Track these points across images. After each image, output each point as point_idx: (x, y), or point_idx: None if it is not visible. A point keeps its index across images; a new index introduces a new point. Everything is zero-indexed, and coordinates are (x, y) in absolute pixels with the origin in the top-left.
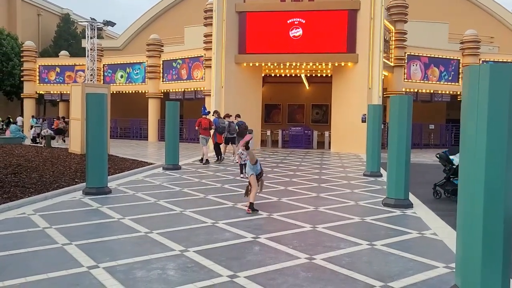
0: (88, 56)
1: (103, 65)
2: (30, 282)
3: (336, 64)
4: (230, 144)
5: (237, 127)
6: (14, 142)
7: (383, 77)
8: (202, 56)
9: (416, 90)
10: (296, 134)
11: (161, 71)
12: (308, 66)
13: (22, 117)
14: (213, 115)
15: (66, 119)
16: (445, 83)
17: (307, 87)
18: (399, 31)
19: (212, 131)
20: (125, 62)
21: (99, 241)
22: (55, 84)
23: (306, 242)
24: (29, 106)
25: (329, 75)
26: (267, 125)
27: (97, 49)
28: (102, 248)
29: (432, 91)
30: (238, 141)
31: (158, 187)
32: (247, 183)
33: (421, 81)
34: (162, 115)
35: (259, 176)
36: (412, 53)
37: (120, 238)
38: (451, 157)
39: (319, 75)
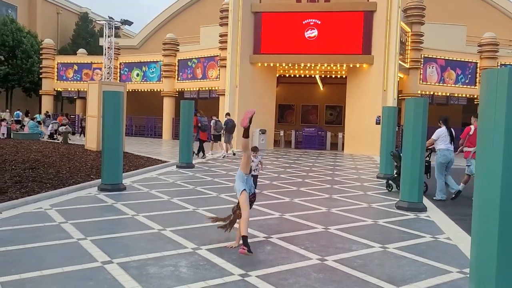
0: (105, 55)
1: (120, 63)
2: (46, 275)
3: (351, 66)
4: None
5: (224, 125)
6: (32, 138)
7: (398, 79)
8: (217, 55)
9: (432, 93)
10: (309, 135)
11: (177, 70)
12: (323, 67)
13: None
14: (195, 115)
15: (70, 116)
16: (461, 86)
17: (321, 88)
18: (415, 33)
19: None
20: (141, 61)
21: (113, 237)
22: (73, 82)
23: (318, 243)
24: (47, 103)
25: (344, 76)
26: (281, 126)
27: (114, 48)
28: (116, 244)
29: (448, 94)
30: (226, 137)
31: (172, 185)
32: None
33: (437, 84)
34: (176, 113)
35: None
36: (428, 56)
37: (134, 234)
38: (402, 154)
39: (333, 76)
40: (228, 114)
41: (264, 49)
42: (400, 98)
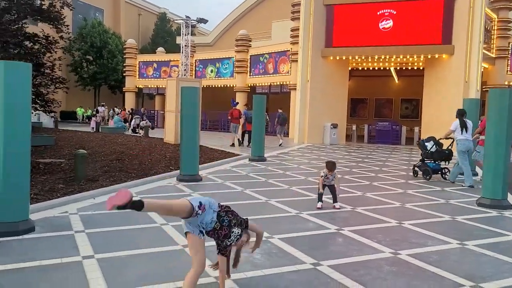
0: (182, 52)
1: (195, 60)
2: (133, 255)
3: (429, 57)
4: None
5: (276, 118)
6: (117, 131)
7: (482, 70)
8: (289, 50)
9: None
10: (383, 129)
11: (249, 66)
12: (398, 59)
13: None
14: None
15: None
16: None
17: (396, 81)
18: (502, 19)
19: (242, 120)
20: (215, 57)
21: None
22: (152, 79)
23: (391, 237)
24: (129, 99)
25: (421, 68)
26: (353, 120)
27: (190, 45)
28: None
29: None
30: (280, 130)
31: (245, 177)
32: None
33: None
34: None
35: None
36: None
37: None
38: (426, 143)
39: (409, 68)
40: (280, 108)
41: (336, 42)
42: (483, 89)
